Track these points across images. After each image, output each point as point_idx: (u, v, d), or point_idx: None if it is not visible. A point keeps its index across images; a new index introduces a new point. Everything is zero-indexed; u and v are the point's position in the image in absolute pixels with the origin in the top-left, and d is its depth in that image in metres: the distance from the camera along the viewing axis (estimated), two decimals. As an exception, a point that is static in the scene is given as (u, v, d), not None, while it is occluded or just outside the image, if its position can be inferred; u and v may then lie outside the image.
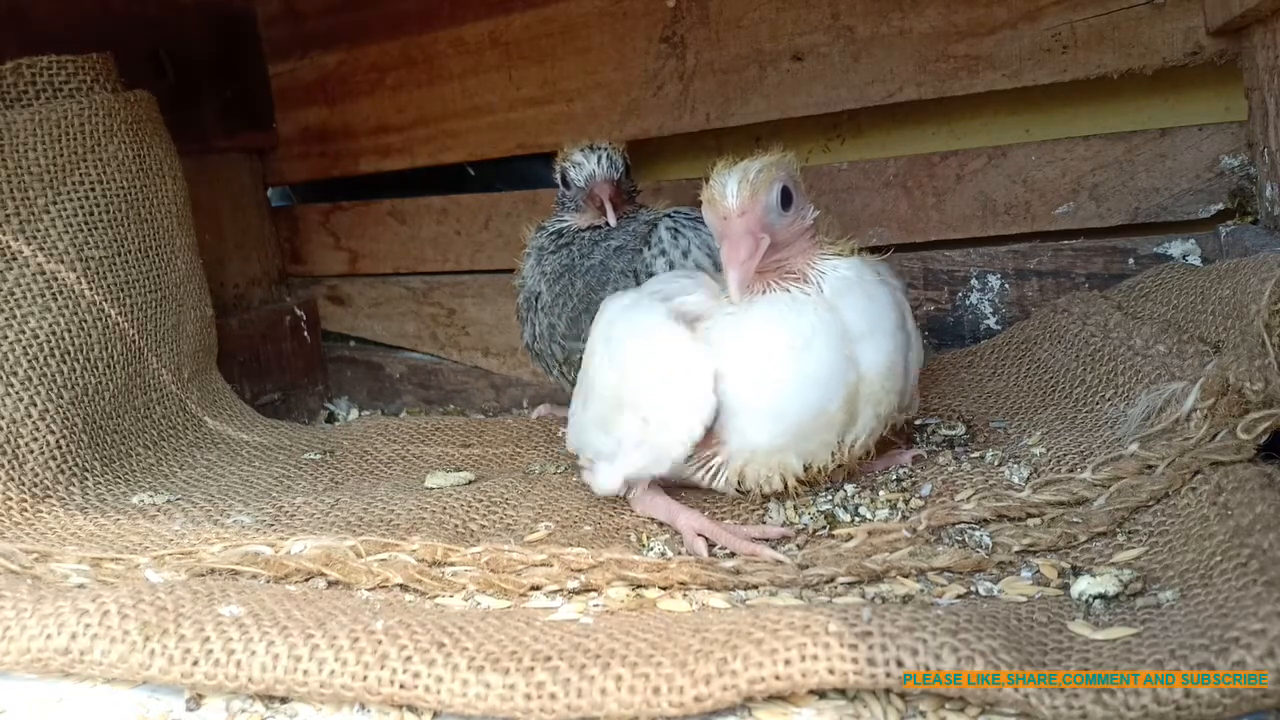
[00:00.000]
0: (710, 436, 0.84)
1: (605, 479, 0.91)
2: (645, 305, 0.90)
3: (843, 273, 0.85)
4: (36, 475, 1.08)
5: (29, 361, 1.13)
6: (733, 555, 0.79)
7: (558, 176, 1.16)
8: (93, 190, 1.26)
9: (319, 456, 1.26)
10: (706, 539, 0.82)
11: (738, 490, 0.90)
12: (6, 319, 1.13)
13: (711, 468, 0.87)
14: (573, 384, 1.06)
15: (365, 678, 0.60)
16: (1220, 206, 1.14)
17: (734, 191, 0.82)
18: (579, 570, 0.76)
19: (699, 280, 0.92)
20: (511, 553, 0.79)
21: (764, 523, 0.86)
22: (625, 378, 0.88)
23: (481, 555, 0.79)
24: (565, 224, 1.16)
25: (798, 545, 0.80)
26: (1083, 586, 0.64)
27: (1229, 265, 0.90)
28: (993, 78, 1.22)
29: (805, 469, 0.85)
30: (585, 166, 1.12)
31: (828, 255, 0.87)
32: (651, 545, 0.84)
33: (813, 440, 0.83)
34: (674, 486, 0.93)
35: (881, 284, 0.87)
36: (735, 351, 0.83)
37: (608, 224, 1.10)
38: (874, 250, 1.34)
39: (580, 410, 0.97)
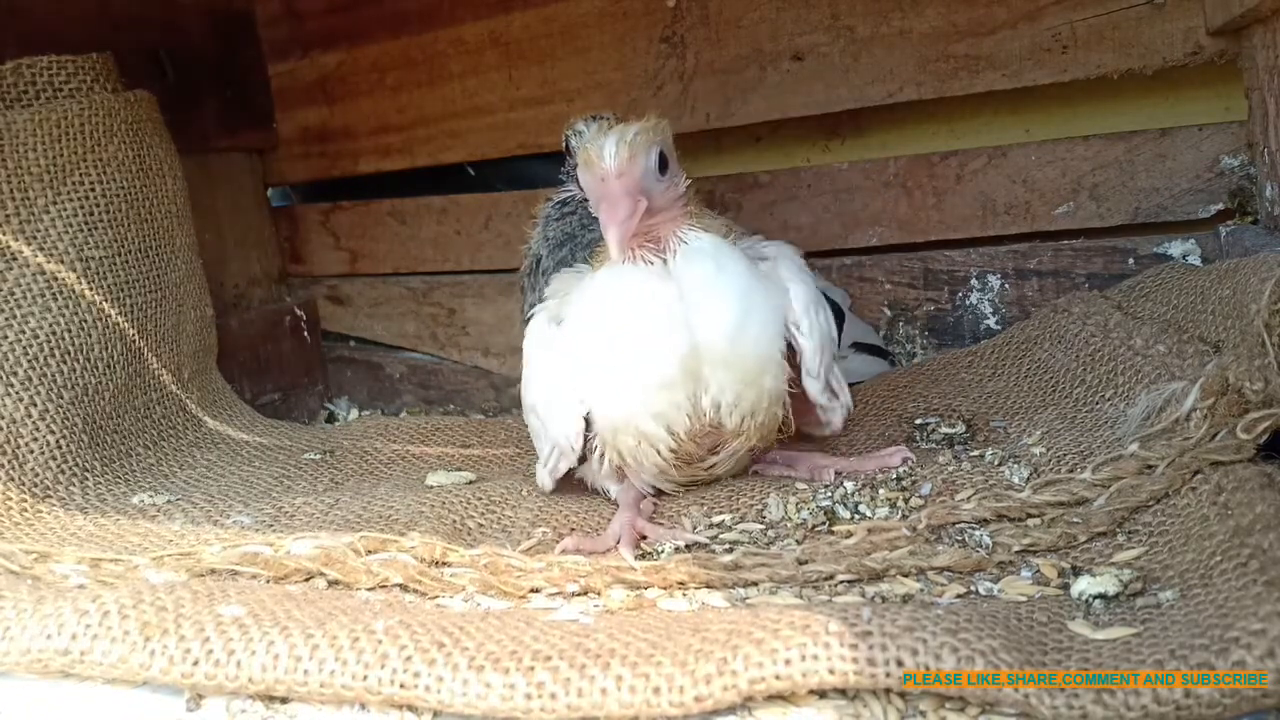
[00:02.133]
0: (589, 428, 0.91)
1: (539, 478, 0.99)
2: (537, 311, 0.98)
3: (697, 244, 0.87)
4: (36, 475, 1.08)
5: (29, 361, 1.13)
6: (730, 550, 0.80)
7: (564, 145, 1.20)
8: (93, 190, 1.26)
9: (319, 456, 1.26)
10: (636, 536, 0.85)
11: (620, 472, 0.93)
12: (6, 319, 1.13)
13: (596, 452, 0.91)
14: None
15: (365, 678, 0.60)
16: (1220, 206, 1.14)
17: (612, 153, 0.84)
18: (579, 576, 0.76)
19: (579, 270, 0.97)
20: (510, 559, 0.79)
21: (763, 518, 0.86)
22: (525, 387, 0.99)
23: (480, 559, 0.79)
24: (570, 193, 1.20)
25: (796, 540, 0.80)
26: (1083, 586, 0.64)
27: (1229, 265, 0.90)
28: (993, 78, 1.22)
29: (669, 433, 0.86)
30: (585, 135, 1.15)
31: (695, 226, 0.88)
32: (660, 548, 0.84)
33: (659, 400, 0.85)
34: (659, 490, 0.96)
35: (738, 258, 0.88)
36: (582, 325, 0.89)
37: None
38: (874, 250, 1.36)
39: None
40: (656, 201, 0.86)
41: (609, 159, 0.83)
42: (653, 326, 0.84)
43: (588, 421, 0.90)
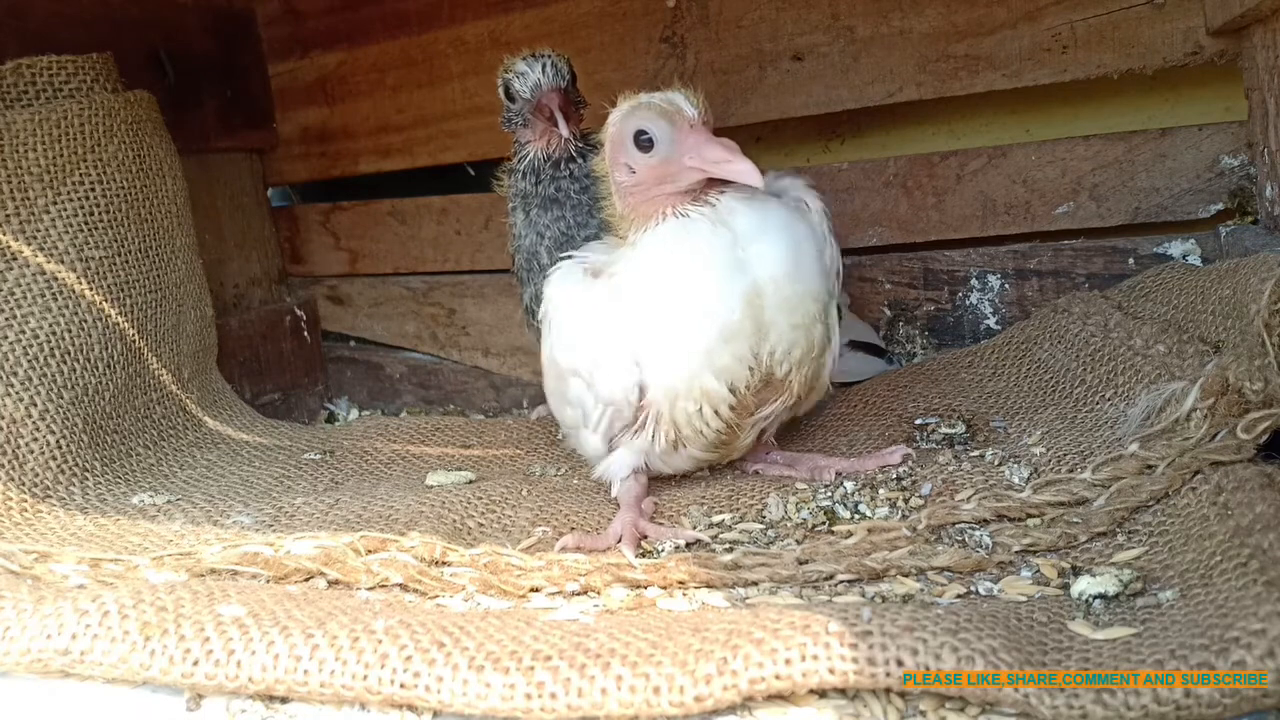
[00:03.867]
0: (641, 398, 0.89)
1: (588, 443, 0.96)
2: (562, 271, 0.95)
3: (738, 192, 0.88)
4: (36, 475, 1.08)
5: (29, 361, 1.13)
6: (730, 550, 0.80)
7: (501, 91, 1.13)
8: (93, 190, 1.26)
9: (319, 456, 1.26)
10: (638, 536, 0.85)
11: (673, 445, 0.91)
12: (6, 319, 1.13)
13: (648, 427, 0.90)
14: None
15: (365, 677, 0.60)
16: (1220, 206, 1.14)
17: (693, 101, 0.87)
18: (579, 575, 0.76)
19: (607, 243, 0.96)
20: (510, 557, 0.79)
21: (763, 517, 0.86)
22: (558, 349, 0.94)
23: (480, 558, 0.79)
24: (527, 153, 1.14)
25: (796, 540, 0.80)
26: (1083, 586, 0.64)
27: (1229, 265, 0.90)
28: (993, 78, 1.22)
29: (731, 391, 0.86)
30: (530, 76, 1.09)
31: (725, 189, 0.89)
32: (660, 547, 0.84)
33: (724, 354, 0.84)
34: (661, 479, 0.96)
35: (777, 204, 0.91)
36: (637, 287, 0.88)
37: (562, 135, 1.08)
38: (874, 250, 1.36)
39: (546, 387, 1.02)
40: None
41: (691, 108, 0.87)
42: (718, 273, 0.84)
43: (640, 391, 0.89)
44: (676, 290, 0.85)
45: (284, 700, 0.63)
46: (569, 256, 0.98)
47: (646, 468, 0.95)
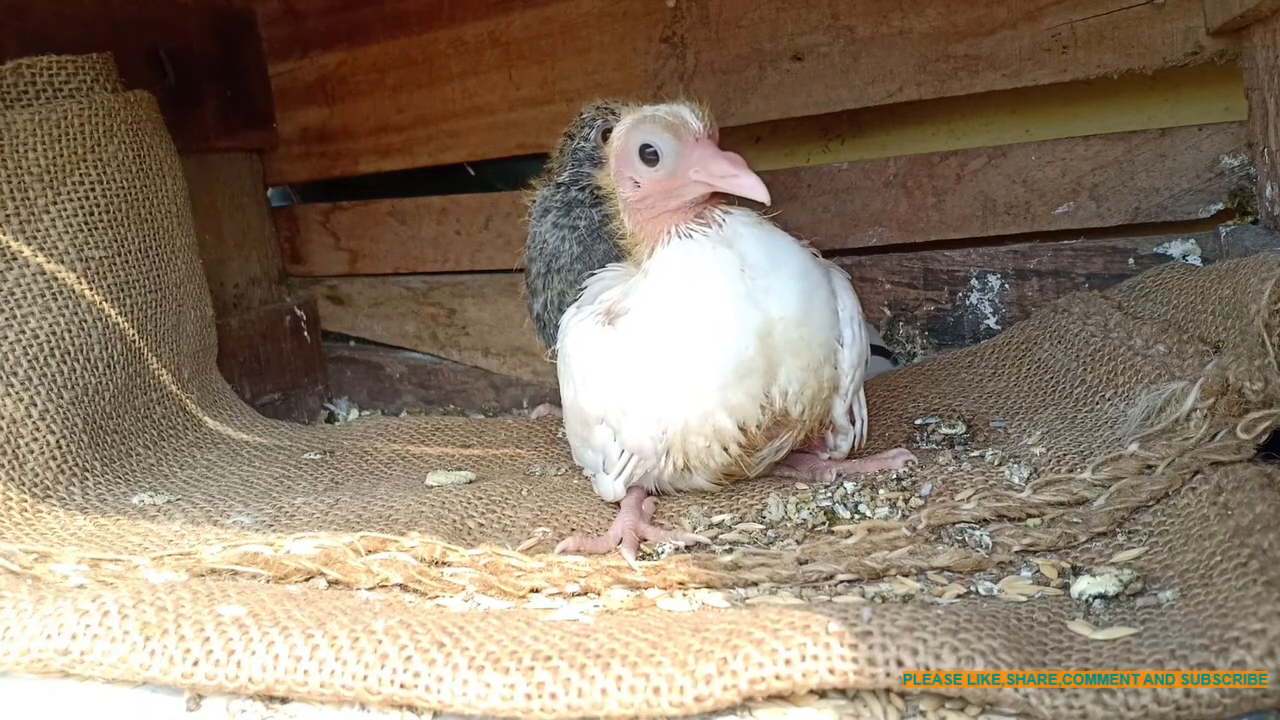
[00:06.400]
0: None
1: (607, 487, 0.94)
2: (578, 317, 0.94)
3: (742, 215, 0.87)
4: (36, 475, 1.08)
5: (29, 361, 1.13)
6: (730, 550, 0.80)
7: (596, 134, 1.15)
8: (93, 190, 1.26)
9: (319, 456, 1.26)
10: (638, 538, 0.84)
11: (683, 471, 0.90)
12: (6, 319, 1.13)
13: (660, 457, 0.89)
14: None
15: (365, 678, 0.60)
16: (1220, 206, 1.14)
17: (698, 114, 0.86)
18: (579, 576, 0.76)
19: (619, 271, 0.95)
20: (510, 558, 0.79)
21: (763, 518, 0.87)
22: (578, 393, 0.93)
23: (480, 558, 0.79)
24: (593, 179, 1.13)
25: (796, 540, 0.80)
26: (1083, 586, 0.64)
27: (1229, 265, 0.90)
28: (993, 78, 1.22)
29: (741, 429, 0.85)
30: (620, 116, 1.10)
31: (731, 208, 0.89)
32: (660, 549, 0.84)
33: (737, 391, 0.83)
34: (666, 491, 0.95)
35: (781, 232, 0.89)
36: (650, 324, 0.86)
37: None
38: (874, 250, 1.36)
39: (568, 427, 1.01)
40: None
41: (697, 121, 0.85)
42: (732, 306, 0.82)
43: (664, 431, 0.87)
44: (690, 325, 0.84)
45: (284, 700, 0.63)
46: (583, 288, 0.98)
47: (657, 491, 0.95)
